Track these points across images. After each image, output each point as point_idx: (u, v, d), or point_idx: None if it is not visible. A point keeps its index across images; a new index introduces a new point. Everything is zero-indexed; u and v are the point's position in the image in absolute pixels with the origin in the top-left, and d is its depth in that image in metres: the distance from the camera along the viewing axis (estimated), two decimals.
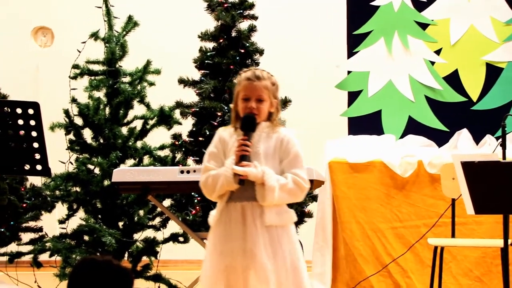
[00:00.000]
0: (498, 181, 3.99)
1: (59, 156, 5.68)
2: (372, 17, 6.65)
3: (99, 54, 6.01)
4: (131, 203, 5.81)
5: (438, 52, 6.61)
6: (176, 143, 5.97)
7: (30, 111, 4.30)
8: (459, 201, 4.92)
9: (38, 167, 4.34)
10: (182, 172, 4.92)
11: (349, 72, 6.68)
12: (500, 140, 4.68)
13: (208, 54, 6.05)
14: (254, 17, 6.16)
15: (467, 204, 4.04)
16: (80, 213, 5.87)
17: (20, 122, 4.31)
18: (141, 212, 5.88)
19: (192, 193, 5.68)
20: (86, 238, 5.79)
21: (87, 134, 5.94)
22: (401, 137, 6.49)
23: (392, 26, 6.65)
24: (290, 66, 7.94)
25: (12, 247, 5.98)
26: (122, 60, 6.04)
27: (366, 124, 6.57)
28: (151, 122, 6.00)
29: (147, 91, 6.05)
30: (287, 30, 8.05)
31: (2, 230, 5.82)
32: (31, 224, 5.99)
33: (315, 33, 8.05)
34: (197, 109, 5.95)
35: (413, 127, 6.53)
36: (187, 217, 5.62)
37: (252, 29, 6.13)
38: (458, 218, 5.31)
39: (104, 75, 5.96)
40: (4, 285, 5.75)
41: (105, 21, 6.04)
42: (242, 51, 6.03)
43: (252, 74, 3.77)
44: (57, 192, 5.87)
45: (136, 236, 5.89)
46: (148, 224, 5.91)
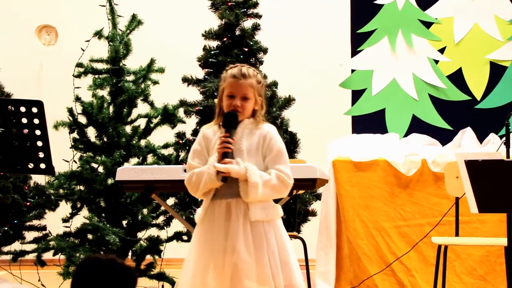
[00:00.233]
0: (502, 180, 3.98)
1: (63, 155, 5.68)
2: (376, 16, 6.65)
3: (103, 53, 6.01)
4: (135, 202, 5.81)
5: (442, 51, 6.61)
6: (180, 142, 5.97)
7: (34, 110, 4.29)
8: (463, 200, 4.90)
9: (42, 166, 4.33)
10: (186, 171, 4.90)
11: (353, 71, 6.67)
12: (504, 139, 4.67)
13: (212, 53, 6.06)
14: (258, 16, 6.16)
15: (471, 203, 4.03)
16: (84, 212, 5.87)
17: (24, 121, 4.30)
18: (145, 211, 5.88)
19: None
20: (90, 237, 5.79)
21: (91, 133, 5.94)
22: (405, 136, 6.49)
23: (396, 25, 6.65)
24: (294, 65, 7.96)
25: (16, 246, 5.97)
26: (126, 59, 6.04)
27: (370, 123, 6.57)
28: (155, 121, 6.00)
29: (151, 90, 6.05)
30: (291, 29, 8.06)
31: (6, 229, 5.82)
32: (35, 223, 5.98)
33: (319, 32, 8.05)
34: (201, 108, 5.95)
35: (417, 126, 6.53)
36: (191, 216, 5.62)
37: (256, 28, 6.13)
38: (462, 217, 5.31)
39: (108, 74, 5.97)
40: (8, 284, 5.75)
41: (109, 20, 6.04)
42: (246, 50, 6.04)
43: (238, 72, 3.75)
44: (61, 191, 5.87)
45: (140, 235, 5.89)
46: (152, 223, 5.91)
